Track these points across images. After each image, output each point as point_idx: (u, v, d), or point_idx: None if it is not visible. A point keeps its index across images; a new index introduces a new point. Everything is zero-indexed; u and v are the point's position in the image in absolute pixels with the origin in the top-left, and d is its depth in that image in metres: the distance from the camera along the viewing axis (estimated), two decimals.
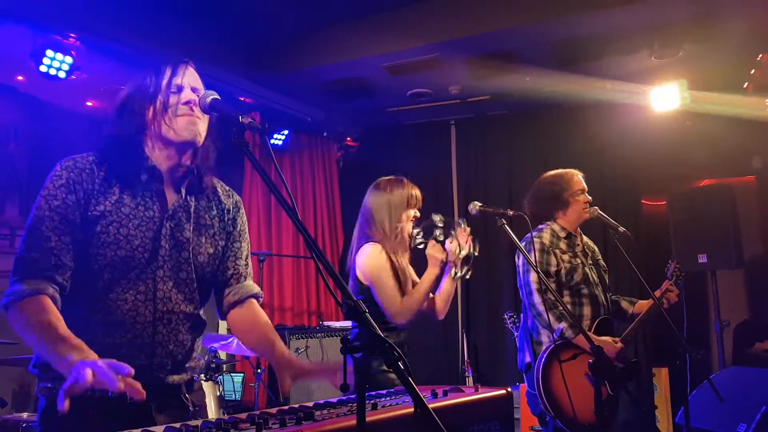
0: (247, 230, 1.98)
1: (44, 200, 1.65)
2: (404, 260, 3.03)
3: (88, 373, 1.26)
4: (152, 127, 1.72)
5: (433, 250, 2.86)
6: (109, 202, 1.69)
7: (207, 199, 1.87)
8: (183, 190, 1.80)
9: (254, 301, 1.96)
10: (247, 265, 1.97)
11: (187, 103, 1.72)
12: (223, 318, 1.95)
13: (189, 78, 1.78)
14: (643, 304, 3.43)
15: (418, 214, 3.08)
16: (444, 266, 2.87)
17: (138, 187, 1.73)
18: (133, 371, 1.32)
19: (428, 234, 2.91)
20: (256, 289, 1.98)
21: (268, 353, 1.86)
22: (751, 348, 5.69)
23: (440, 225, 2.91)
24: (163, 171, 1.77)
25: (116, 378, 1.28)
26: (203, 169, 1.81)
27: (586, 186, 3.42)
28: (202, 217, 1.84)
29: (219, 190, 1.91)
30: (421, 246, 2.90)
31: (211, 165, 1.83)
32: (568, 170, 3.48)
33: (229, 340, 4.58)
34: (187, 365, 1.79)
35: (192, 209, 1.81)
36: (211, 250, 1.83)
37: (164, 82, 1.74)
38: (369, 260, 2.90)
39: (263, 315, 1.96)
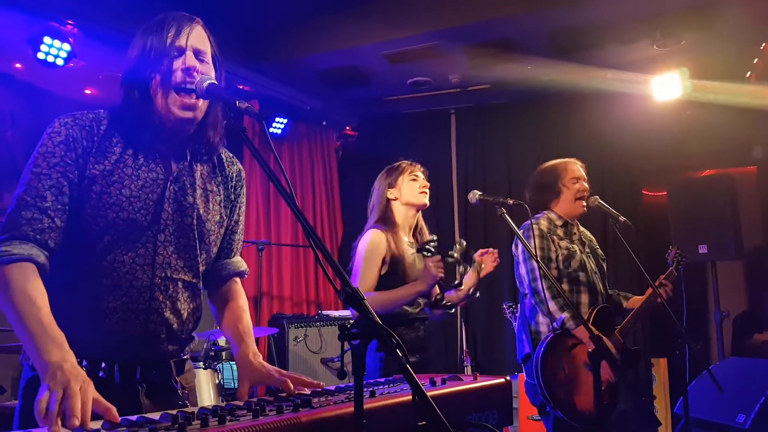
0: (245, 203, 1.94)
1: (42, 157, 1.57)
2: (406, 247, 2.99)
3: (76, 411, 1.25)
4: (154, 97, 1.64)
5: (432, 264, 2.77)
6: (109, 162, 1.62)
7: (211, 165, 1.81)
8: (188, 153, 1.73)
9: (238, 280, 1.94)
10: (240, 240, 1.94)
11: (186, 70, 1.63)
12: (205, 288, 1.89)
13: (193, 39, 1.67)
14: (636, 300, 3.42)
15: (426, 183, 3.07)
16: (433, 286, 2.82)
17: (140, 148, 1.66)
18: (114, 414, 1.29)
19: (441, 250, 2.82)
20: (244, 266, 1.94)
21: (234, 347, 1.80)
22: (750, 339, 5.69)
23: (459, 247, 2.85)
24: (167, 134, 1.69)
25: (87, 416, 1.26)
26: (211, 137, 1.74)
27: (584, 175, 3.41)
28: (209, 182, 1.78)
29: (223, 156, 1.86)
30: (427, 255, 2.80)
31: (219, 133, 1.76)
32: (566, 159, 3.47)
33: None
34: (182, 336, 1.73)
35: (197, 175, 1.76)
36: (218, 217, 1.79)
37: (167, 44, 1.63)
38: (363, 243, 2.93)
39: (243, 297, 1.92)
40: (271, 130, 6.25)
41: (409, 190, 3.05)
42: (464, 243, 2.88)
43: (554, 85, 5.70)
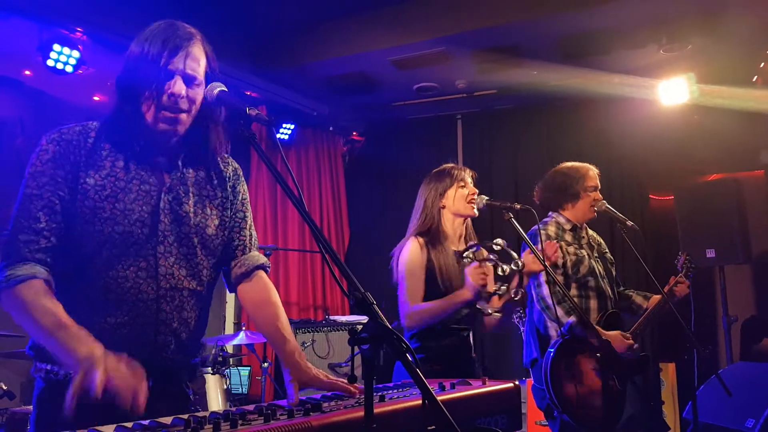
0: (248, 199, 1.91)
1: (32, 178, 1.59)
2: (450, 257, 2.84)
3: (99, 387, 1.30)
4: (144, 111, 1.64)
5: (472, 273, 2.59)
6: (100, 176, 1.62)
7: (206, 169, 1.80)
8: (179, 163, 1.73)
9: (263, 273, 1.89)
10: (251, 235, 1.90)
11: (171, 96, 1.62)
12: (233, 291, 1.89)
13: (187, 63, 1.64)
14: (657, 299, 3.38)
15: (475, 190, 2.92)
16: (478, 295, 2.61)
17: (131, 159, 1.66)
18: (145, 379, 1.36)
19: (482, 255, 2.62)
20: (263, 259, 1.90)
21: (278, 347, 1.79)
22: (759, 343, 5.66)
23: (496, 249, 2.61)
24: (157, 144, 1.68)
25: (130, 393, 1.32)
26: (208, 143, 1.73)
27: (599, 184, 3.38)
28: (204, 188, 1.78)
29: (217, 158, 1.84)
30: (466, 261, 2.64)
31: (220, 140, 1.75)
32: (585, 164, 3.43)
33: (236, 339, 4.57)
34: (191, 345, 1.74)
35: (191, 181, 1.75)
36: (217, 221, 1.78)
37: (160, 63, 1.61)
38: (403, 255, 2.84)
39: (273, 292, 1.87)
40: (278, 135, 6.27)
41: (459, 199, 2.91)
42: (501, 242, 2.65)
43: (561, 90, 5.70)
